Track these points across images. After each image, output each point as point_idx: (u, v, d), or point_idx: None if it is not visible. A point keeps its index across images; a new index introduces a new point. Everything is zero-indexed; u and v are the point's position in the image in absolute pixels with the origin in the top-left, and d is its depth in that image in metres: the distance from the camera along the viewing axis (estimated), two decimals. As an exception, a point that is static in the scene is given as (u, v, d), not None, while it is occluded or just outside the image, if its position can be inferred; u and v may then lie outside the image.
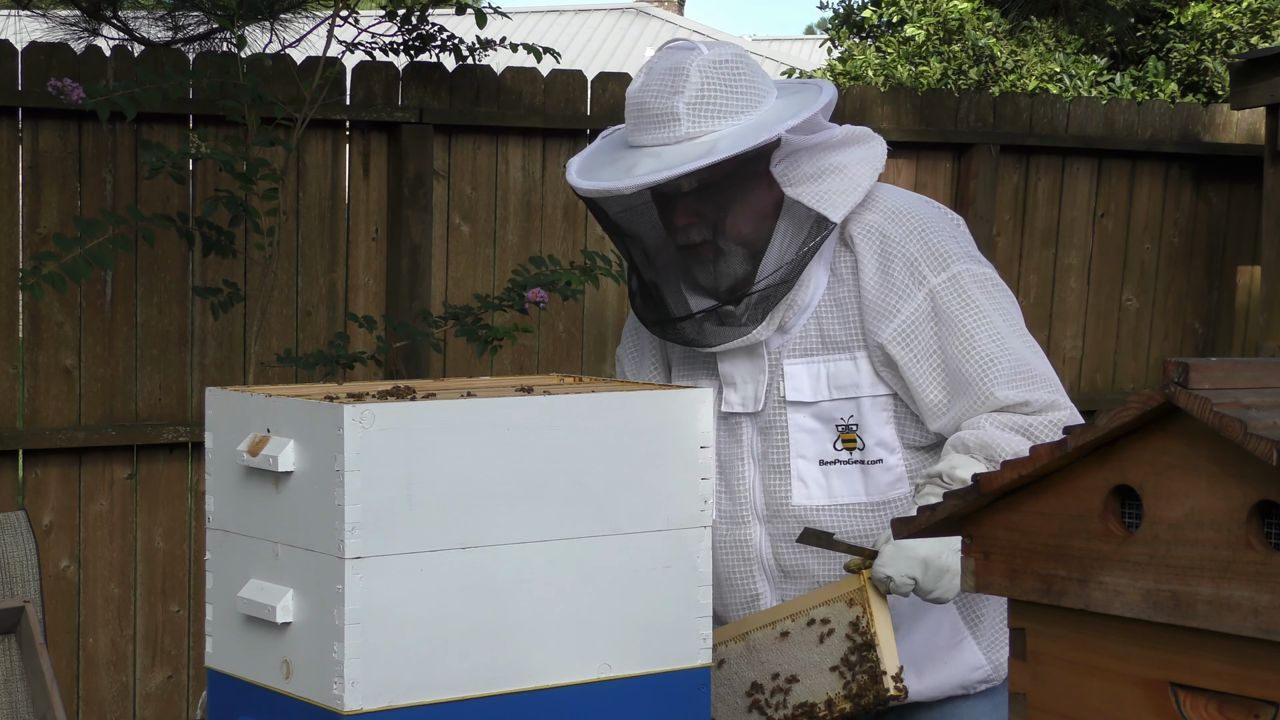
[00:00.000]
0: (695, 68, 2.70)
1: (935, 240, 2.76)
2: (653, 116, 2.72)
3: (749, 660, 2.70)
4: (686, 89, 2.70)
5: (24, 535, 3.40)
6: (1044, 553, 1.75)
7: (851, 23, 11.02)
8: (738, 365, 2.81)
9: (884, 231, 2.76)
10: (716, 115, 2.70)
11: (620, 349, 3.02)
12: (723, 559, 2.84)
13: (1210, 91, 9.34)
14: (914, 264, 2.73)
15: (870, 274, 2.74)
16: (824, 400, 2.77)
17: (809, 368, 2.78)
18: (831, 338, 2.77)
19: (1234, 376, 1.62)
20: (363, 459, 2.18)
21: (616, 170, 2.72)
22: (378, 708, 2.20)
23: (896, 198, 2.82)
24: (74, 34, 6.06)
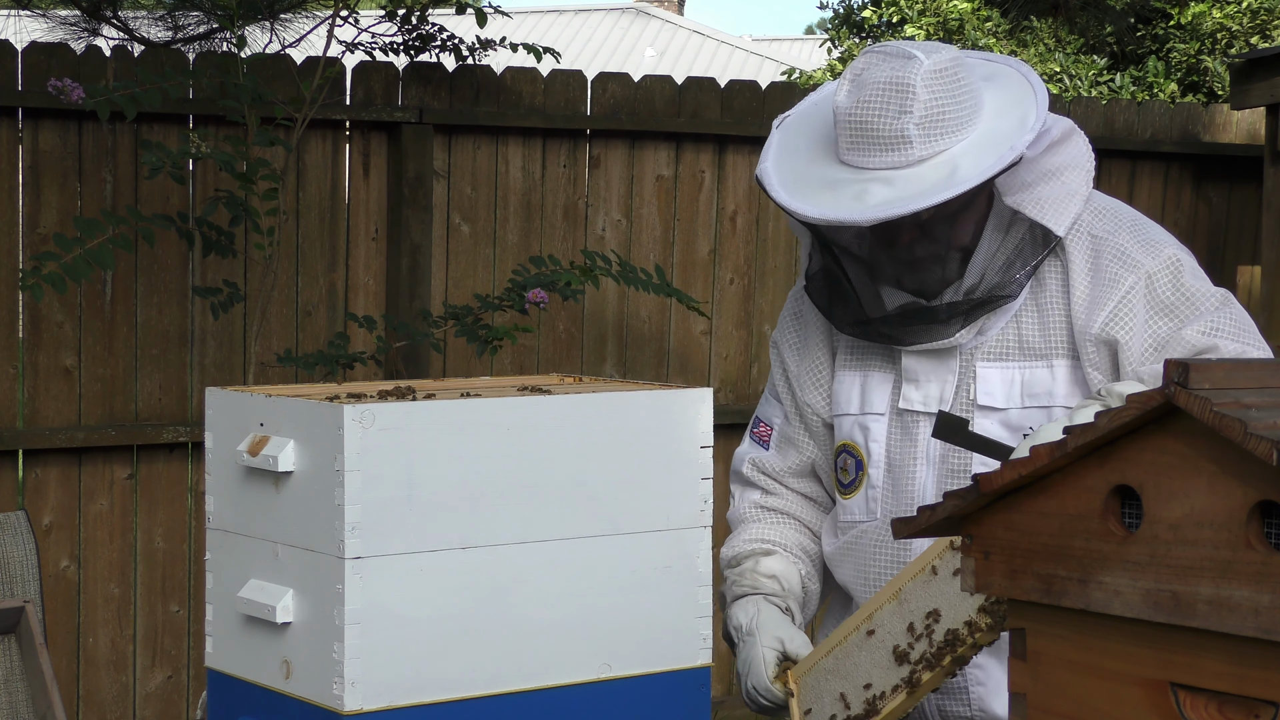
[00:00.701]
0: (921, 82, 2.54)
1: (1145, 230, 2.66)
2: (879, 139, 2.56)
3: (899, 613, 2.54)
4: (915, 107, 2.54)
5: (24, 535, 3.40)
6: (1044, 553, 1.75)
7: (851, 23, 11.02)
8: (924, 361, 2.69)
9: (1093, 231, 2.65)
10: (948, 133, 2.55)
11: (778, 335, 2.87)
12: (872, 561, 2.73)
13: (1210, 91, 9.34)
14: (1125, 253, 2.62)
15: (1081, 276, 2.63)
16: (1015, 408, 2.64)
17: (1003, 373, 2.66)
18: (1030, 344, 2.66)
19: (1234, 376, 1.62)
20: (363, 459, 2.18)
21: (842, 197, 2.57)
22: (378, 708, 2.20)
23: (1101, 197, 2.72)
24: (74, 34, 6.06)
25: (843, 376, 2.78)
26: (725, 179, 6.10)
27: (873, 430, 2.74)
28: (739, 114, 6.08)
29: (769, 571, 2.76)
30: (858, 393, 2.76)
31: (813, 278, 2.74)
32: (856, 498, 2.76)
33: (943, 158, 2.55)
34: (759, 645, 2.62)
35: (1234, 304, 2.64)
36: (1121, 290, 2.60)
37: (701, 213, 6.07)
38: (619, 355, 5.97)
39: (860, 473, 2.76)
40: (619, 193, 5.95)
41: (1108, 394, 2.45)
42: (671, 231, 6.03)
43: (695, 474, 2.43)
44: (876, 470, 2.74)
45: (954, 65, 2.58)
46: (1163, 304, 2.62)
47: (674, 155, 6.02)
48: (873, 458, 2.74)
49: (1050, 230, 2.61)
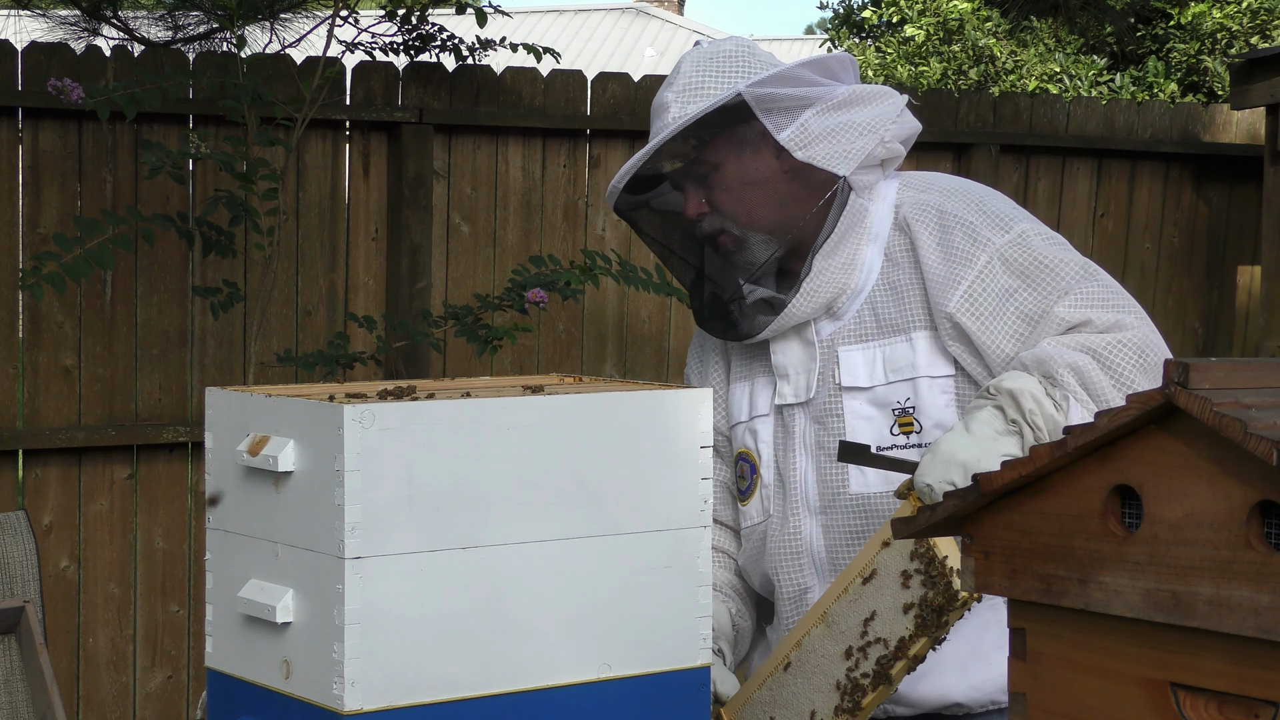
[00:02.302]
0: (688, 60, 2.71)
1: (993, 206, 2.70)
2: (654, 115, 2.72)
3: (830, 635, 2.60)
4: (677, 80, 2.70)
5: (24, 535, 3.40)
6: (1044, 553, 1.75)
7: (851, 23, 11.02)
8: (790, 355, 2.75)
9: (939, 207, 2.70)
10: (701, 96, 2.66)
11: (686, 369, 2.98)
12: (772, 554, 2.78)
13: (1210, 91, 9.34)
14: (974, 230, 2.66)
15: (930, 250, 2.68)
16: (880, 385, 2.70)
17: (865, 353, 2.71)
18: (887, 321, 2.70)
19: (1234, 376, 1.62)
20: (363, 459, 2.18)
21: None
22: (378, 708, 2.20)
23: (950, 178, 2.78)
24: (74, 34, 6.06)
25: (734, 388, 2.86)
26: (725, 179, 6.10)
27: (760, 432, 2.81)
28: (739, 114, 6.07)
29: None
30: (746, 400, 2.84)
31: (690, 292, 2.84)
32: (753, 501, 2.83)
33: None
34: None
35: (1100, 274, 2.65)
36: (975, 270, 2.64)
37: (701, 213, 6.07)
38: (619, 355, 5.97)
39: (754, 476, 2.83)
40: (619, 193, 5.94)
41: (997, 391, 2.49)
42: (671, 231, 6.02)
43: (695, 474, 2.43)
44: (767, 470, 2.80)
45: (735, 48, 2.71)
46: (1019, 272, 2.63)
47: (674, 155, 6.02)
48: (763, 459, 2.81)
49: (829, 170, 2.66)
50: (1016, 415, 2.45)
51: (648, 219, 2.77)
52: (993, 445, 2.44)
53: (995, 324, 2.62)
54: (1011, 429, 2.46)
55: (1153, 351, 2.56)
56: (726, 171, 2.68)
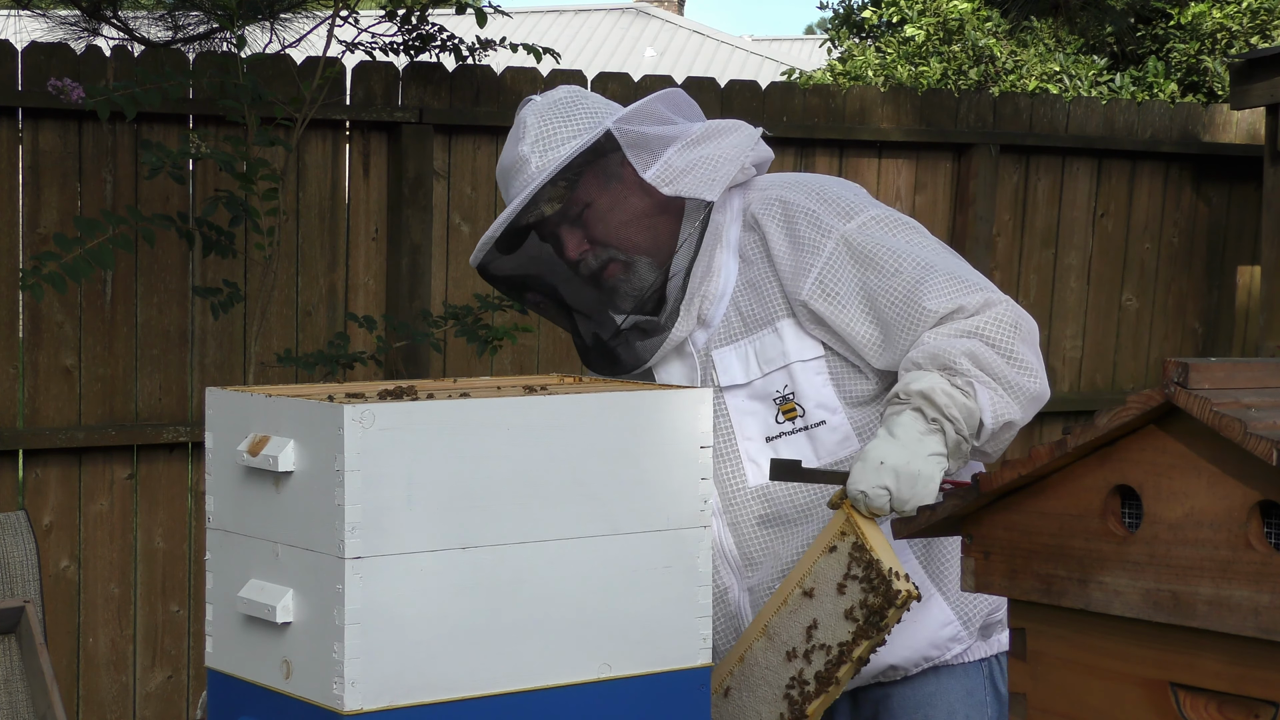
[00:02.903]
0: (530, 113, 2.79)
1: (834, 194, 2.79)
2: (509, 170, 2.79)
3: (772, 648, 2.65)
4: (527, 134, 2.77)
5: (24, 535, 3.40)
6: (1044, 553, 1.75)
7: (851, 23, 11.03)
8: (672, 370, 2.83)
9: (783, 199, 2.79)
10: (557, 144, 2.76)
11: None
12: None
13: (1210, 91, 9.34)
14: (817, 219, 2.75)
15: (778, 242, 2.77)
16: (756, 378, 2.77)
17: (736, 351, 2.79)
18: (751, 318, 2.79)
19: (1234, 376, 1.62)
20: (363, 459, 2.18)
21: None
22: (378, 708, 2.20)
23: (792, 174, 2.88)
24: (74, 34, 6.06)
25: None
26: (725, 179, 6.10)
27: None
28: (739, 114, 6.07)
29: None
30: None
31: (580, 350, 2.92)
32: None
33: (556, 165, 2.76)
34: None
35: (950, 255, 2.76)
36: (822, 257, 2.74)
37: (701, 213, 6.07)
38: (619, 355, 5.96)
39: None
40: (619, 193, 5.94)
41: (908, 395, 2.60)
42: (671, 231, 6.02)
43: (695, 474, 2.43)
44: None
45: (569, 96, 2.83)
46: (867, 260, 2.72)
47: (674, 155, 6.02)
48: None
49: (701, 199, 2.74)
50: (935, 414, 2.58)
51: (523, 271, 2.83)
52: (919, 447, 2.56)
53: (848, 308, 2.72)
54: (933, 427, 2.58)
55: (1023, 321, 2.69)
56: (600, 206, 2.76)
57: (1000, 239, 6.59)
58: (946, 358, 2.62)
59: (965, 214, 6.45)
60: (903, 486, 2.56)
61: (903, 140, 6.41)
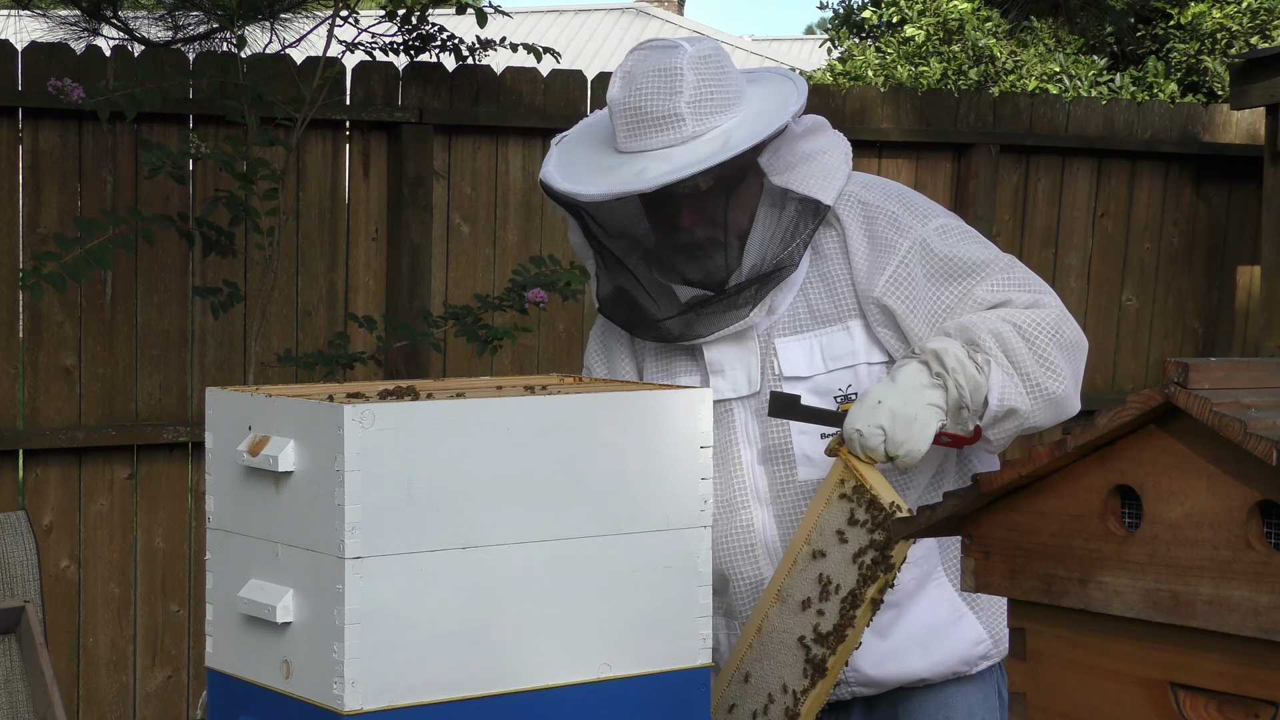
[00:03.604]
0: (687, 66, 2.70)
1: (913, 199, 2.81)
2: (653, 120, 2.70)
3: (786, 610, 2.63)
4: (684, 88, 2.69)
5: (24, 535, 3.40)
6: (1044, 553, 1.75)
7: (851, 23, 11.03)
8: (725, 351, 2.80)
9: (863, 199, 2.79)
10: (717, 110, 2.70)
11: (588, 356, 2.99)
12: (721, 550, 2.80)
13: (1210, 91, 9.34)
14: (896, 220, 2.76)
15: (857, 241, 2.76)
16: (820, 373, 2.76)
17: (801, 343, 2.78)
18: (820, 312, 2.78)
19: (1234, 376, 1.62)
20: (363, 459, 2.18)
21: (624, 175, 2.70)
22: (378, 708, 2.20)
23: (867, 175, 2.88)
24: (74, 34, 6.06)
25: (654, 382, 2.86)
26: (725, 179, 6.10)
27: None
28: (739, 114, 6.07)
29: None
30: None
31: (605, 300, 2.86)
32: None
33: (715, 132, 2.70)
34: None
35: (1018, 265, 2.77)
36: (898, 255, 2.74)
37: (701, 213, 6.07)
38: (619, 355, 5.96)
39: None
40: (619, 193, 5.94)
41: (921, 350, 2.61)
42: (671, 231, 6.02)
43: (695, 474, 2.43)
44: None
45: (717, 53, 2.75)
46: (941, 267, 2.74)
47: (674, 155, 6.02)
48: None
49: (819, 200, 2.73)
50: (940, 370, 2.59)
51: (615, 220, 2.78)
52: (919, 395, 2.57)
53: (918, 306, 2.73)
54: (936, 382, 2.59)
55: (1068, 329, 2.70)
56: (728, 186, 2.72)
57: (1000, 239, 6.59)
58: (973, 332, 2.63)
59: (965, 214, 6.45)
60: (898, 428, 2.56)
61: (903, 140, 6.41)
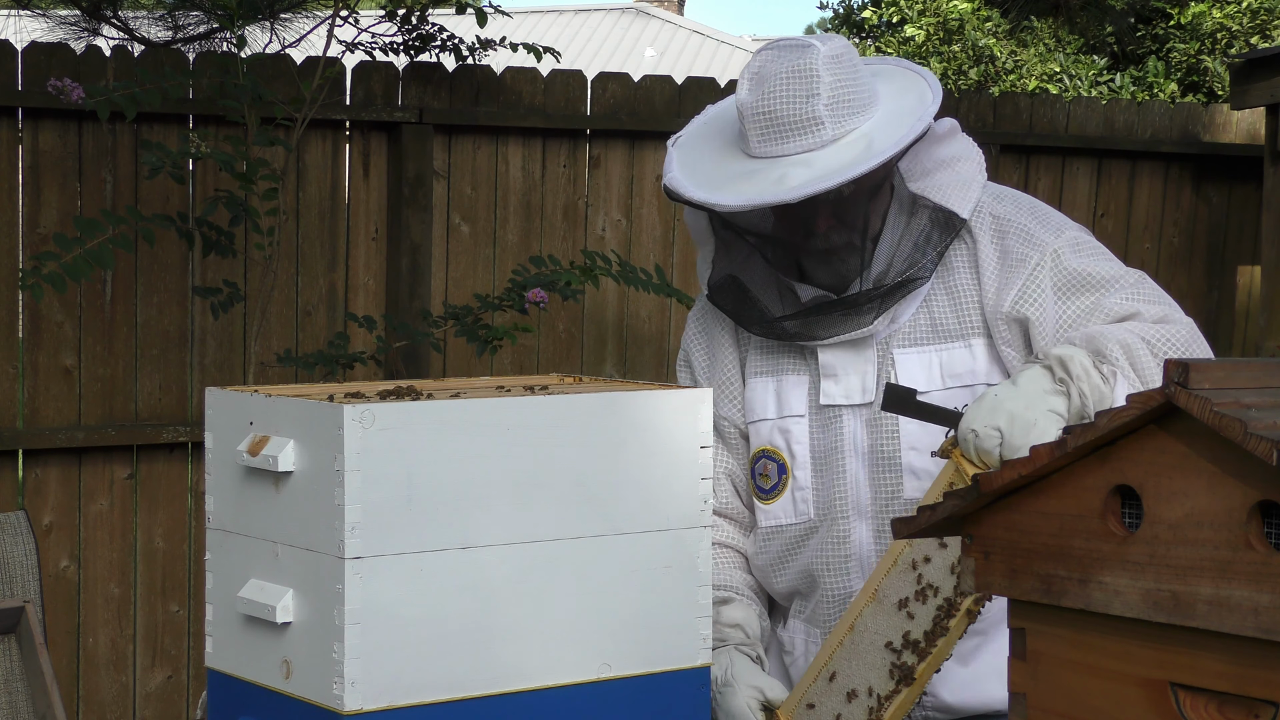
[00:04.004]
0: (823, 66, 2.60)
1: (1044, 212, 2.74)
2: (790, 125, 2.60)
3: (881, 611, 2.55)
4: (822, 90, 2.60)
5: (24, 535, 3.40)
6: (1044, 553, 1.75)
7: (851, 23, 11.03)
8: (841, 356, 2.72)
9: (995, 212, 2.71)
10: (854, 112, 2.62)
11: (686, 355, 2.90)
12: (814, 559, 2.74)
13: (1210, 91, 9.34)
14: (1029, 233, 2.68)
15: (989, 255, 2.69)
16: (936, 390, 2.67)
17: (920, 356, 2.70)
18: (943, 326, 2.70)
19: (1234, 376, 1.62)
20: (363, 459, 2.18)
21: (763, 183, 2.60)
22: (378, 708, 2.20)
23: (999, 186, 2.80)
24: (74, 34, 6.06)
25: (755, 383, 2.80)
26: (725, 179, 6.09)
27: (794, 432, 2.76)
28: (739, 114, 6.07)
29: (731, 620, 2.78)
30: (773, 397, 2.78)
31: (717, 287, 2.77)
32: (780, 502, 2.78)
33: (854, 135, 2.61)
34: (739, 695, 2.67)
35: (1148, 281, 2.69)
36: (1029, 268, 2.66)
37: (701, 213, 6.07)
38: (619, 355, 5.97)
39: (783, 476, 2.77)
40: (619, 193, 5.95)
41: (1045, 356, 2.50)
42: (671, 231, 6.03)
43: (695, 474, 2.43)
44: (803, 471, 2.75)
45: (848, 52, 2.65)
46: (1070, 280, 2.66)
47: (674, 155, 6.02)
48: (797, 459, 2.76)
49: (955, 213, 2.66)
50: (1064, 376, 2.46)
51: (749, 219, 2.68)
52: (1040, 400, 2.44)
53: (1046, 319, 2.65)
54: (1059, 388, 2.46)
55: (1198, 347, 2.61)
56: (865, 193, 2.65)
57: (1000, 239, 6.58)
58: (1101, 342, 2.54)
59: (965, 214, 6.45)
60: (1016, 432, 2.42)
61: (903, 140, 6.41)
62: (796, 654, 2.82)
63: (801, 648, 2.81)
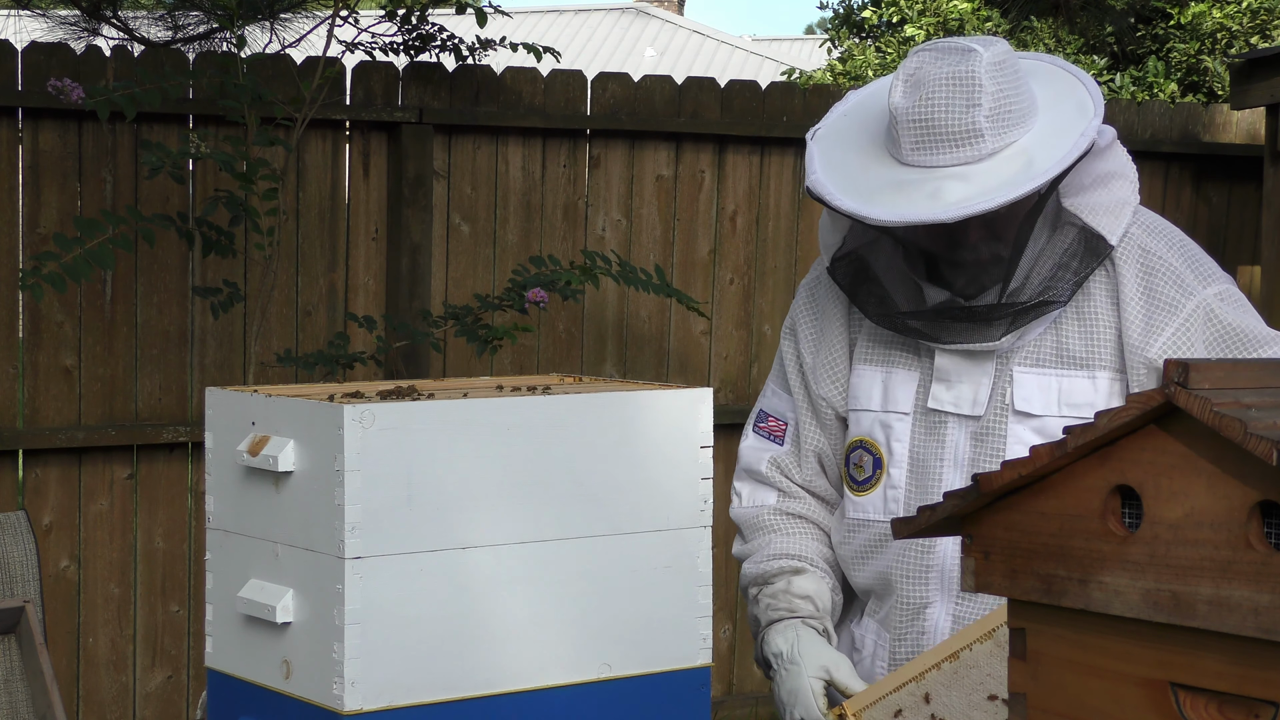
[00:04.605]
0: (986, 74, 2.46)
1: (1195, 254, 2.61)
2: (948, 135, 2.47)
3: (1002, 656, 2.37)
4: (984, 100, 2.46)
5: (24, 535, 3.40)
6: (1044, 553, 1.75)
7: (851, 23, 11.03)
8: (959, 363, 2.61)
9: (1143, 245, 2.58)
10: (1015, 124, 2.49)
11: (794, 325, 2.77)
12: (894, 563, 2.65)
13: (1210, 91, 9.34)
14: (1180, 277, 2.55)
15: (1132, 291, 2.56)
16: (1052, 416, 2.56)
17: (1040, 379, 2.58)
18: (1069, 352, 2.58)
19: (1234, 376, 1.62)
20: (363, 459, 2.18)
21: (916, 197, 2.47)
22: (378, 708, 2.20)
23: (1146, 212, 2.64)
24: (74, 34, 6.06)
25: (862, 370, 2.70)
26: (725, 179, 6.10)
27: (895, 429, 2.66)
28: (739, 114, 6.08)
29: (803, 592, 2.68)
30: (879, 389, 2.68)
31: (841, 260, 2.65)
32: (872, 496, 2.68)
33: (1014, 149, 2.49)
34: (804, 675, 2.57)
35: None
36: (1180, 317, 2.54)
37: (701, 213, 6.07)
38: (619, 355, 5.97)
39: (878, 471, 2.68)
40: (619, 193, 5.95)
41: None
42: (671, 231, 6.03)
43: (695, 474, 2.43)
44: (898, 470, 2.66)
45: (1009, 56, 2.52)
46: (1222, 335, 2.56)
47: (674, 155, 6.02)
48: (894, 456, 2.66)
49: (1104, 238, 2.54)
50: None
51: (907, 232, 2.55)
52: None
53: None
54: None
55: None
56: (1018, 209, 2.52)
57: (1000, 239, 6.58)
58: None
59: (965, 214, 6.45)
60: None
61: (903, 140, 6.40)
62: (865, 653, 2.73)
63: (871, 648, 2.73)
